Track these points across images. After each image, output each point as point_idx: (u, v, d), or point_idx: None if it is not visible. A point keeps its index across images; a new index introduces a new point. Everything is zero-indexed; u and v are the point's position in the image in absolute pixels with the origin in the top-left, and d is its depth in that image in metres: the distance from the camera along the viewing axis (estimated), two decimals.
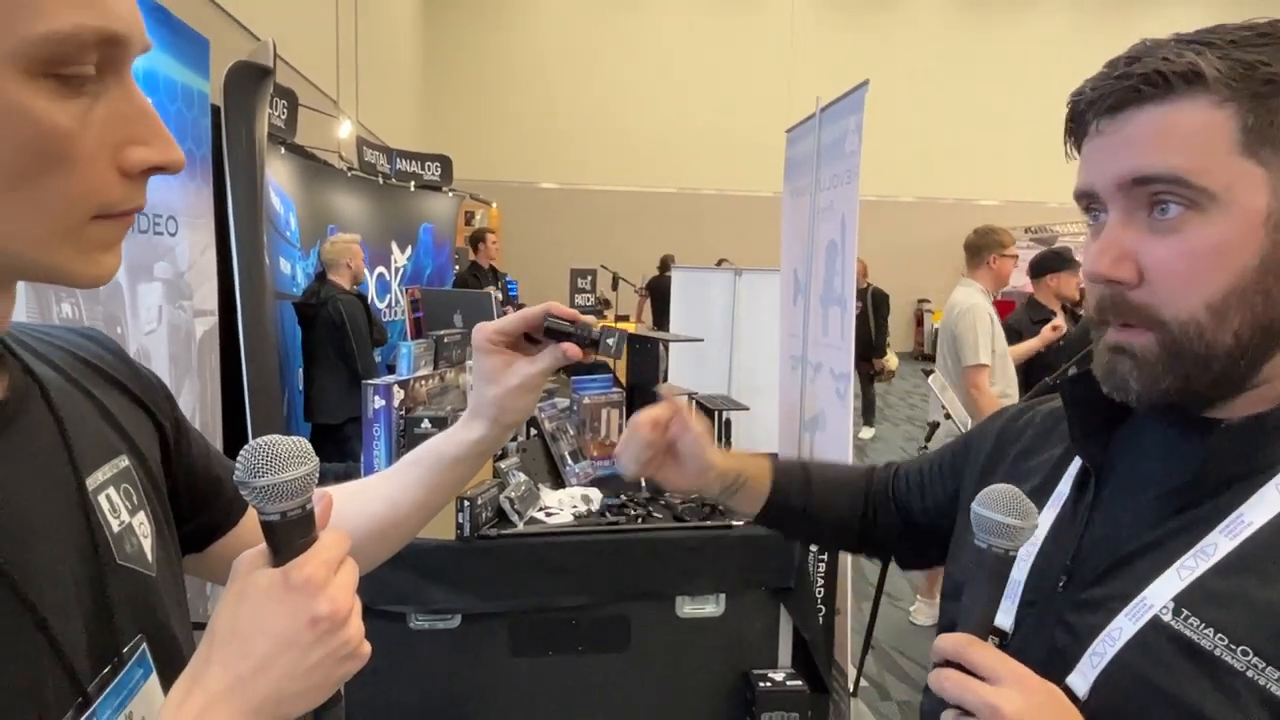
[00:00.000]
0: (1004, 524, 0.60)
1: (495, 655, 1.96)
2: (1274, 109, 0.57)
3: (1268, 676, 0.55)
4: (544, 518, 2.05)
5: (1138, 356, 0.62)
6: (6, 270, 0.47)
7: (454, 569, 1.90)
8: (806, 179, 2.88)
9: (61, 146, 0.42)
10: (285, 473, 0.50)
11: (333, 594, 0.51)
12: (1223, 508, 0.61)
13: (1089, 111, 0.63)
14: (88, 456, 0.56)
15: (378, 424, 1.93)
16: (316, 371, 3.93)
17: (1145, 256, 0.60)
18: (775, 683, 2.01)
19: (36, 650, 0.47)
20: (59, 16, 0.40)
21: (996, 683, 0.57)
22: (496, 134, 12.34)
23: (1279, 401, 0.62)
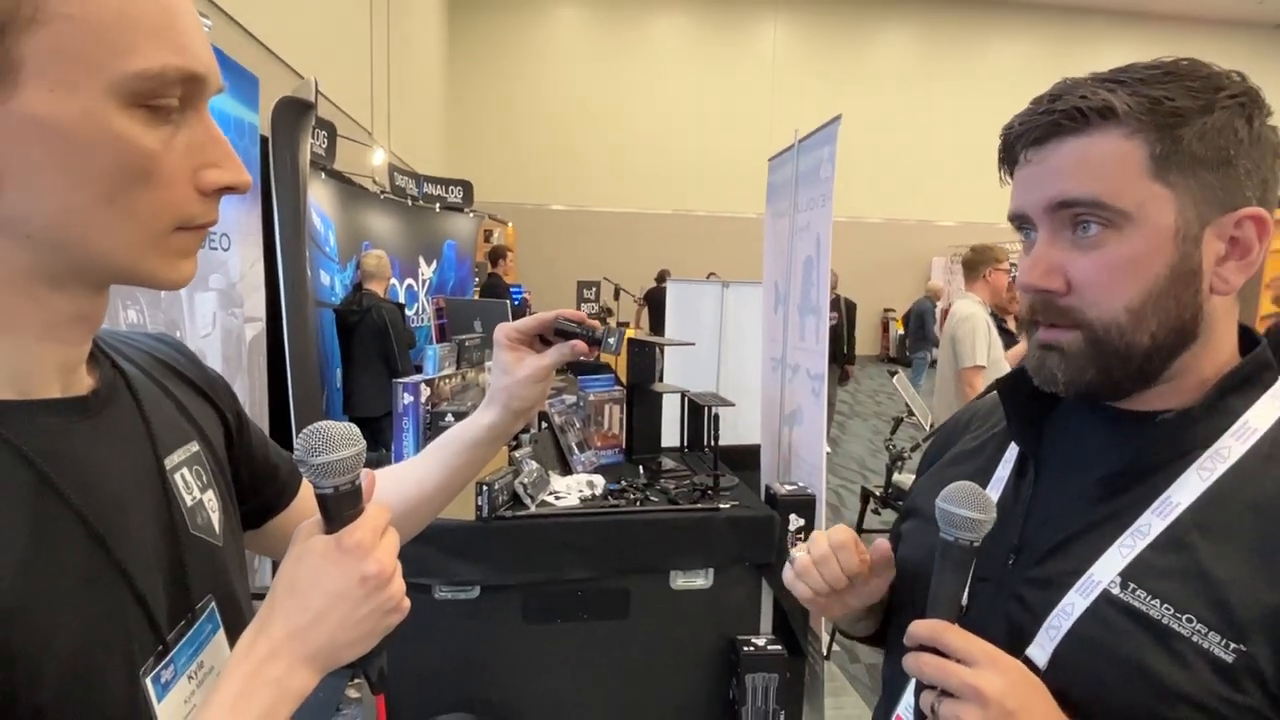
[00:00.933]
0: (968, 518, 0.60)
1: (510, 622, 1.96)
2: (1179, 138, 0.58)
3: (1210, 640, 0.55)
4: (553, 501, 2.05)
5: (1065, 351, 0.63)
6: (103, 274, 0.48)
7: (474, 546, 1.90)
8: (786, 202, 2.89)
9: (151, 166, 0.44)
10: (338, 452, 0.52)
11: (379, 556, 0.53)
12: (1152, 491, 0.62)
13: (1018, 143, 0.64)
14: (165, 440, 0.57)
15: (406, 417, 1.93)
16: (356, 371, 3.93)
17: (1071, 269, 0.61)
18: (758, 647, 2.01)
19: (125, 603, 0.49)
20: (151, 57, 0.43)
21: (973, 665, 0.57)
22: (512, 161, 12.34)
23: (1193, 395, 0.63)
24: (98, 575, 0.47)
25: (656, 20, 12.64)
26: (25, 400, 0.47)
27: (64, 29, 0.40)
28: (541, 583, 1.96)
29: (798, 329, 2.75)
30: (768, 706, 2.00)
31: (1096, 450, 0.67)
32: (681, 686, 2.07)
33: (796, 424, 2.78)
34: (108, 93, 0.42)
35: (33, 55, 0.40)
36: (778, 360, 2.97)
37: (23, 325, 0.46)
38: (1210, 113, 0.58)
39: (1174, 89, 0.58)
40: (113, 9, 0.41)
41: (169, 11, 0.44)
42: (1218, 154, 0.58)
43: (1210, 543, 0.58)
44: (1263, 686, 0.54)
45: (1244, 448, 0.60)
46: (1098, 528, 0.63)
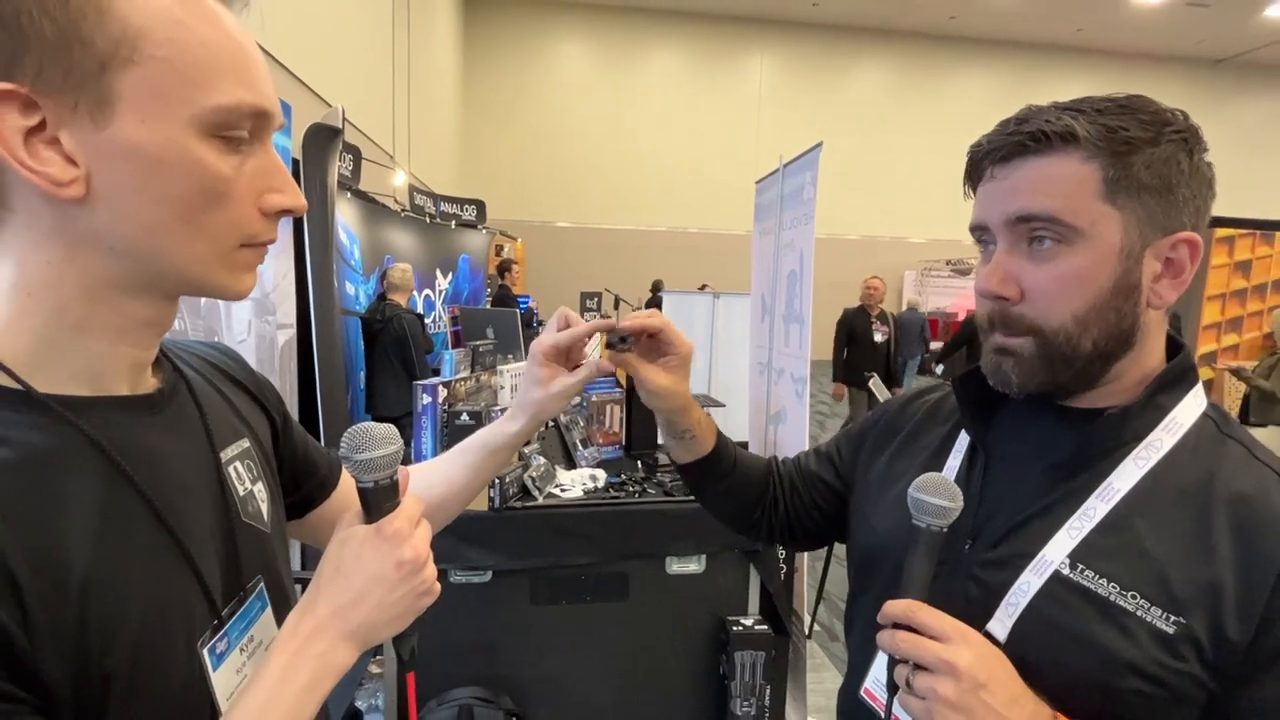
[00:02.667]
0: (939, 506, 0.60)
1: (519, 604, 1.96)
2: (1129, 165, 0.58)
3: (1153, 615, 0.57)
4: (559, 493, 2.05)
5: (1018, 356, 0.63)
6: (176, 284, 0.49)
7: (486, 534, 1.89)
8: (772, 221, 2.89)
9: (223, 189, 0.46)
10: (378, 450, 0.53)
11: (414, 543, 0.54)
12: (1095, 478, 0.62)
13: (985, 160, 0.64)
14: (220, 436, 0.58)
15: (425, 416, 1.93)
16: (379, 374, 3.92)
17: (1025, 278, 0.62)
18: (746, 627, 2.01)
19: (186, 580, 0.50)
20: (228, 94, 0.45)
21: (945, 640, 0.57)
22: (521, 182, 12.35)
23: (1131, 394, 0.64)
24: (162, 554, 0.48)
25: (653, 55, 12.67)
26: (98, 396, 0.48)
27: (155, 68, 0.42)
28: (548, 567, 1.96)
29: (782, 336, 2.75)
30: (754, 681, 1.99)
31: (1043, 442, 0.67)
32: (676, 662, 2.07)
33: (781, 423, 2.78)
34: (189, 124, 0.44)
35: (128, 90, 0.42)
36: (764, 365, 2.97)
37: (100, 328, 0.47)
38: (1157, 145, 0.59)
39: (1128, 120, 0.59)
40: (197, 52, 0.44)
41: (244, 55, 0.46)
42: (1162, 182, 0.59)
43: (1148, 525, 0.59)
44: (1200, 655, 0.55)
45: (1173, 439, 0.62)
46: (1048, 512, 0.63)
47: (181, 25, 0.43)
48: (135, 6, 0.42)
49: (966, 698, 0.54)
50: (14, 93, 0.40)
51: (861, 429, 0.89)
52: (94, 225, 0.44)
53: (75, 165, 0.42)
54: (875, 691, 0.72)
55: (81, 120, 0.42)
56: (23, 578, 0.39)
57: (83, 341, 0.47)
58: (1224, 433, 0.64)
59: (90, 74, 0.41)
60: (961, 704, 0.54)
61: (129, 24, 0.41)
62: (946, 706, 0.55)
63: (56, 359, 0.46)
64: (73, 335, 0.46)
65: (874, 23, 12.53)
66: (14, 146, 0.41)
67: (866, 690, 0.73)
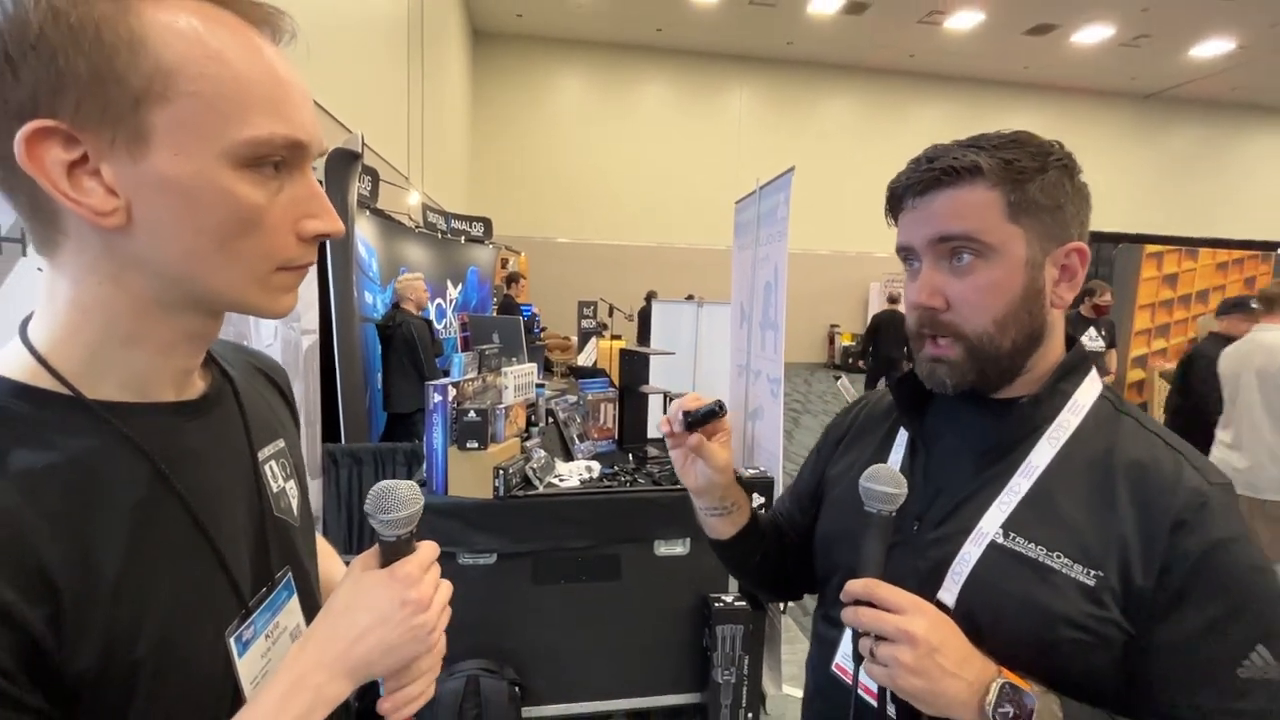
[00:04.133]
0: (888, 493, 0.61)
1: (521, 584, 1.95)
2: (1026, 190, 0.62)
3: (1076, 571, 0.59)
4: (558, 482, 2.05)
5: (950, 363, 0.66)
6: (215, 305, 0.48)
7: (491, 520, 1.89)
8: (750, 237, 2.90)
9: (256, 217, 0.44)
10: (402, 511, 0.52)
11: (421, 587, 0.52)
12: (1017, 458, 0.65)
13: (905, 194, 0.67)
14: (259, 436, 0.57)
15: (436, 413, 1.92)
16: (393, 375, 3.90)
17: (949, 290, 0.64)
18: (727, 604, 2.01)
19: (215, 576, 0.49)
20: (260, 127, 0.43)
21: (902, 612, 0.58)
22: (525, 201, 12.33)
23: (1039, 384, 0.67)
24: (195, 551, 0.47)
25: (644, 87, 12.70)
26: (144, 402, 0.47)
27: (187, 104, 0.41)
28: (547, 550, 1.96)
29: (759, 341, 2.76)
30: (735, 652, 2.00)
31: (972, 431, 0.69)
32: (663, 635, 2.07)
33: (758, 419, 2.78)
34: (221, 157, 0.42)
35: (161, 125, 0.40)
36: (742, 367, 2.98)
37: (147, 341, 0.46)
38: (1045, 171, 0.63)
39: (1019, 153, 0.63)
40: (230, 86, 0.41)
41: (280, 87, 0.44)
42: (1053, 202, 0.63)
43: (1064, 494, 0.62)
44: (1117, 602, 0.58)
45: (1077, 419, 0.65)
46: (980, 492, 0.66)
47: (215, 60, 0.41)
48: (168, 44, 0.40)
49: (923, 661, 0.56)
50: (55, 129, 0.39)
51: (818, 446, 0.90)
52: (136, 251, 0.43)
53: (116, 196, 0.41)
54: (846, 665, 0.73)
55: (119, 154, 0.40)
56: (59, 578, 0.39)
57: (131, 353, 0.46)
58: (1119, 410, 0.67)
59: (125, 110, 0.40)
60: (919, 667, 0.56)
61: (162, 61, 0.40)
62: (906, 671, 0.56)
63: (106, 369, 0.45)
64: (122, 347, 0.45)
65: (842, 60, 12.61)
66: (57, 179, 0.40)
67: (838, 665, 0.74)
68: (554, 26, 11.54)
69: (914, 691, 0.56)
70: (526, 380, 2.39)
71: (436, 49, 8.02)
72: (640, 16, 10.84)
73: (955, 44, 11.32)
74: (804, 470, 0.91)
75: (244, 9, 0.43)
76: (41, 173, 0.39)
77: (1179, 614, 0.57)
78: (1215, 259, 5.53)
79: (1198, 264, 5.50)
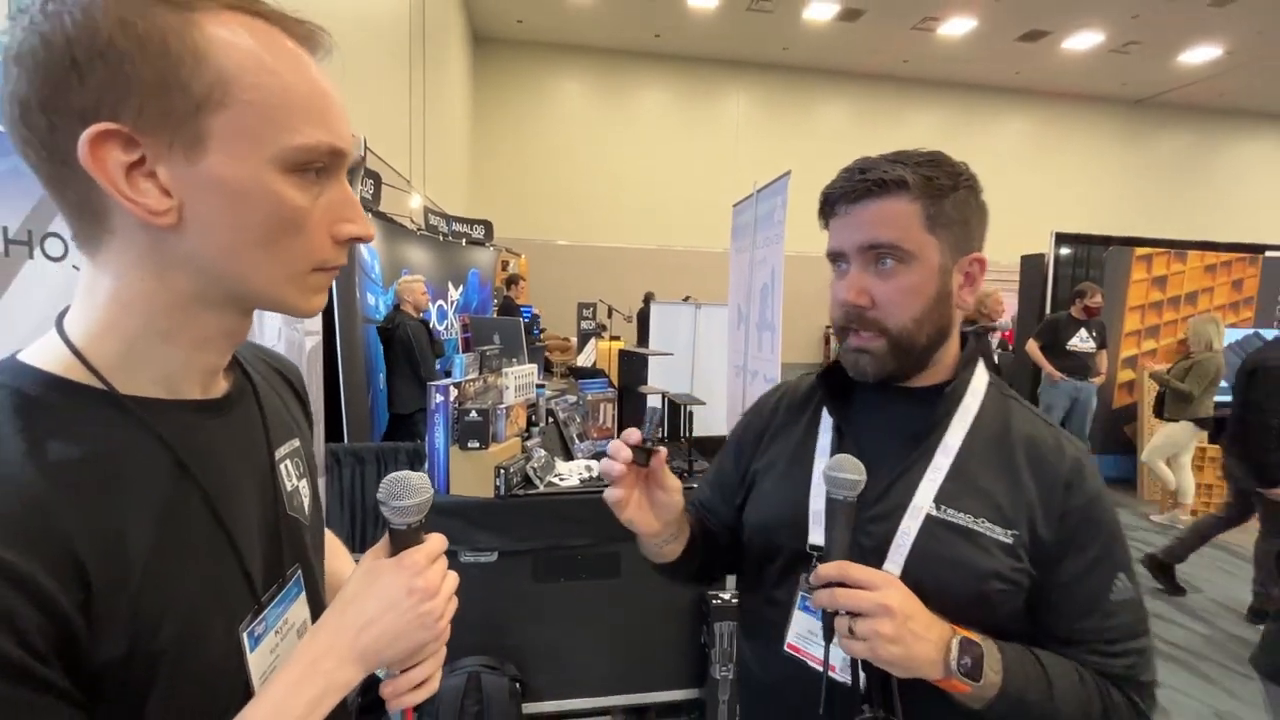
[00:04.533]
0: (851, 479, 0.65)
1: (522, 581, 1.95)
2: (942, 204, 0.70)
3: (996, 532, 0.68)
4: (558, 481, 2.05)
5: (873, 354, 0.72)
6: (252, 301, 0.49)
7: (493, 518, 1.89)
8: (747, 240, 2.91)
9: (299, 219, 0.46)
10: (413, 498, 0.53)
11: (428, 575, 0.53)
12: (936, 439, 0.73)
13: (838, 202, 0.73)
14: (277, 435, 0.58)
15: (438, 413, 1.92)
16: (394, 375, 3.90)
17: (875, 291, 0.71)
18: (724, 600, 2.01)
19: (233, 571, 0.49)
20: (307, 135, 0.45)
21: (875, 588, 0.62)
22: (525, 204, 12.33)
23: (946, 373, 0.76)
24: (214, 545, 0.48)
25: (643, 92, 12.71)
26: (171, 399, 0.48)
27: (243, 111, 0.42)
28: (548, 548, 1.96)
29: (756, 342, 2.76)
30: (732, 648, 2.00)
31: (895, 419, 0.76)
32: (662, 632, 2.07)
33: None
34: (271, 161, 0.44)
35: (218, 130, 0.42)
36: (740, 367, 2.98)
37: (182, 338, 0.47)
38: (957, 190, 0.70)
39: (938, 171, 0.70)
40: (280, 96, 0.43)
41: (324, 98, 0.46)
42: (962, 217, 0.71)
43: (979, 467, 0.71)
44: (1027, 553, 0.68)
45: (977, 403, 0.74)
46: (909, 471, 0.72)
47: (268, 71, 0.43)
48: (228, 54, 0.42)
49: (900, 630, 0.61)
50: (118, 132, 0.40)
51: (737, 441, 0.91)
52: (183, 248, 0.44)
53: (169, 196, 0.42)
54: (799, 645, 0.76)
55: (176, 156, 0.42)
56: (90, 565, 0.39)
57: (166, 349, 0.47)
58: (1004, 394, 0.77)
59: (186, 116, 0.41)
60: (897, 636, 0.61)
61: (222, 71, 0.42)
62: (886, 641, 0.61)
63: (140, 364, 0.46)
64: (158, 343, 0.46)
65: (837, 65, 12.62)
66: (116, 179, 0.41)
67: (790, 645, 0.77)
68: (554, 32, 11.54)
69: (893, 658, 0.61)
70: (527, 381, 2.39)
71: (438, 54, 8.02)
72: (639, 23, 10.85)
73: (948, 50, 11.34)
74: (723, 465, 0.93)
75: (289, 26, 0.46)
76: (102, 173, 0.41)
77: (1070, 557, 0.69)
78: (1204, 261, 5.55)
79: (1186, 266, 5.52)
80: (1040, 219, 9.65)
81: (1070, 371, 4.79)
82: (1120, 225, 11.97)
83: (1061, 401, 4.82)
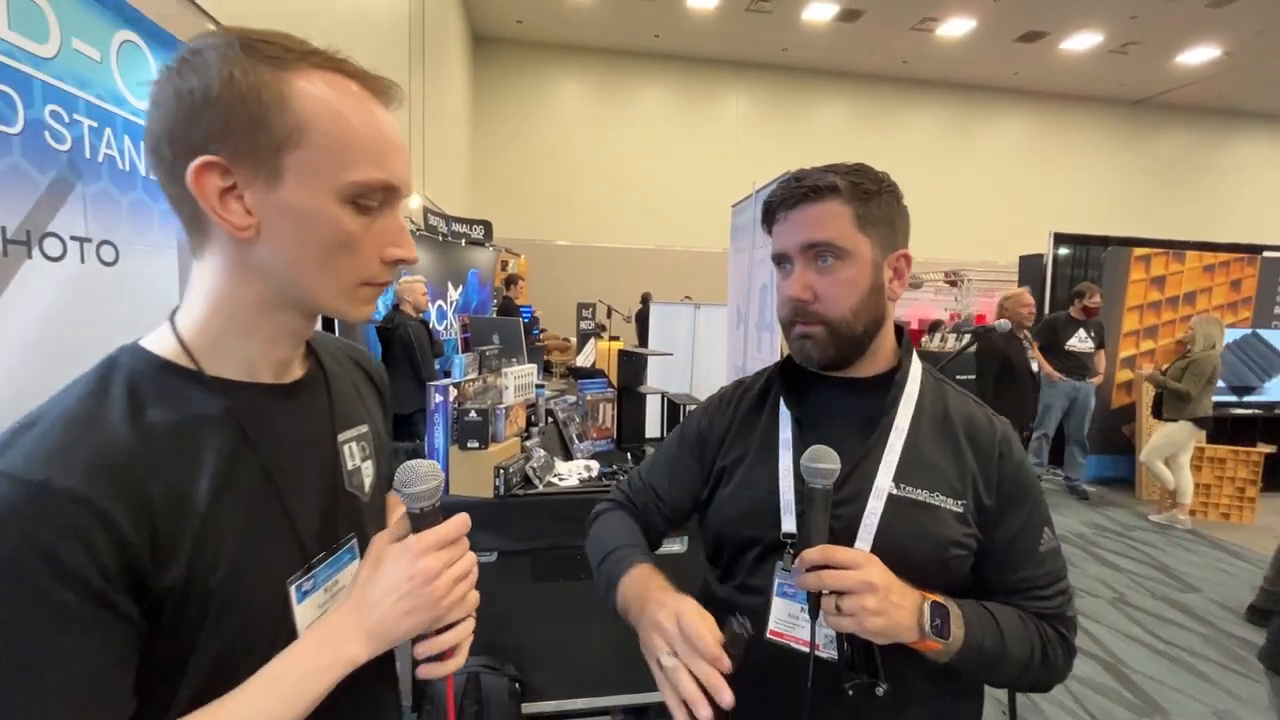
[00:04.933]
0: (827, 469, 0.70)
1: (521, 581, 1.95)
2: (870, 206, 0.78)
3: (950, 503, 0.76)
4: (558, 481, 2.04)
5: (815, 339, 0.79)
6: (311, 306, 0.57)
7: (492, 518, 1.89)
8: (746, 240, 2.90)
9: (352, 241, 0.54)
10: (423, 485, 0.59)
11: (427, 560, 0.57)
12: (888, 424, 0.80)
13: (779, 208, 0.81)
14: (343, 420, 0.66)
15: (438, 414, 1.92)
16: (393, 376, 3.87)
17: (816, 286, 0.78)
18: None
19: (281, 531, 0.57)
20: (364, 173, 0.53)
21: (858, 567, 0.67)
22: (525, 205, 12.33)
23: (886, 362, 0.83)
24: (268, 507, 0.56)
25: (642, 93, 12.71)
26: (247, 382, 0.57)
27: (314, 151, 0.51)
28: (547, 548, 1.96)
29: (755, 342, 2.76)
30: None
31: (845, 406, 0.83)
32: None
33: None
34: (333, 192, 0.52)
35: (293, 165, 0.51)
36: (739, 367, 2.98)
37: (259, 332, 0.57)
38: (881, 194, 0.78)
39: (863, 178, 0.78)
40: (345, 139, 0.52)
41: (384, 142, 0.54)
42: (887, 217, 0.79)
43: (927, 446, 0.78)
44: (973, 519, 0.77)
45: (917, 387, 0.82)
46: (867, 455, 0.78)
47: (338, 118, 0.52)
48: (307, 104, 0.51)
49: (883, 603, 0.66)
50: (217, 163, 0.50)
51: (698, 443, 0.93)
52: (259, 259, 0.53)
53: (251, 216, 0.52)
54: (781, 629, 0.79)
55: (259, 184, 0.51)
56: (160, 511, 0.48)
57: (246, 340, 0.56)
58: (937, 379, 0.85)
59: (269, 153, 0.51)
60: (881, 609, 0.66)
61: (301, 117, 0.51)
62: (871, 614, 0.66)
63: (225, 351, 0.56)
64: (239, 334, 0.56)
65: (836, 66, 12.62)
66: (213, 201, 0.51)
67: (772, 632, 0.79)
68: (553, 33, 11.55)
69: (878, 629, 0.66)
70: (526, 381, 2.39)
71: (437, 55, 8.01)
72: (638, 23, 10.85)
73: (947, 51, 11.35)
74: (681, 458, 0.94)
75: (367, 81, 0.55)
76: (202, 194, 0.50)
77: (1007, 518, 0.78)
78: (1202, 261, 5.55)
79: (1185, 266, 5.52)
80: (1039, 219, 9.66)
81: (1069, 371, 4.80)
82: (1119, 225, 11.98)
83: (1060, 401, 4.82)
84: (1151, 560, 3.88)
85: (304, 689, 0.52)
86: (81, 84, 1.34)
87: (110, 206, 1.43)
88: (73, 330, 1.29)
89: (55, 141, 1.26)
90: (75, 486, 0.44)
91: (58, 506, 0.43)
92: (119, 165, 1.46)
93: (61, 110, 1.28)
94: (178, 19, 1.98)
